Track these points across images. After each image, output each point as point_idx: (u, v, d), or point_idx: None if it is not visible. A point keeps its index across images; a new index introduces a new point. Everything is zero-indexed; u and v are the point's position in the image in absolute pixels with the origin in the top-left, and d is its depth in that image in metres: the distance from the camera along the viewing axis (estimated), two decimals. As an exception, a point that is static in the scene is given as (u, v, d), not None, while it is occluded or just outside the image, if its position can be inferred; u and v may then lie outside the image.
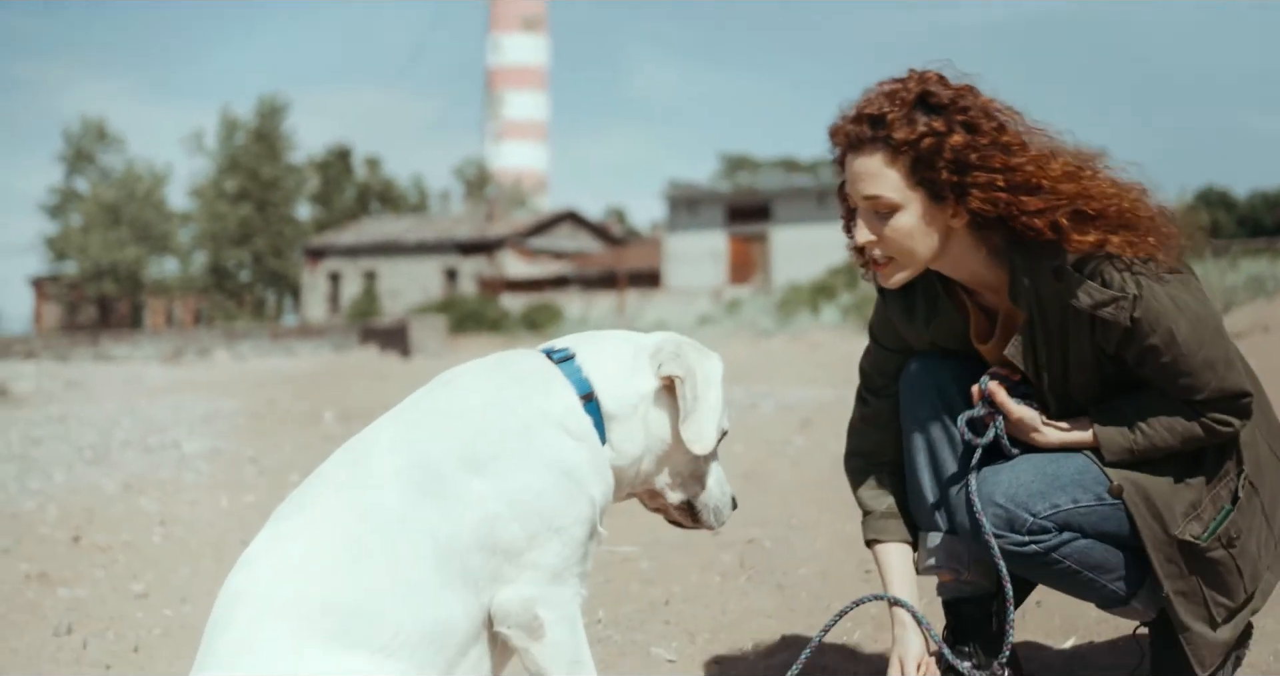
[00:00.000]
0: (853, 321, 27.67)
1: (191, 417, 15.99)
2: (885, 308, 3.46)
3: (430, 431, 2.72)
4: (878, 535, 3.49)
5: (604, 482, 2.80)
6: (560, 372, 2.86)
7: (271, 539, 2.64)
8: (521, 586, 2.66)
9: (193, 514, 7.99)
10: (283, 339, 42.88)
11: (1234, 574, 3.18)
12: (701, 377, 2.86)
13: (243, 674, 2.43)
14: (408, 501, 2.62)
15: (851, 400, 3.58)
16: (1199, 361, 3.06)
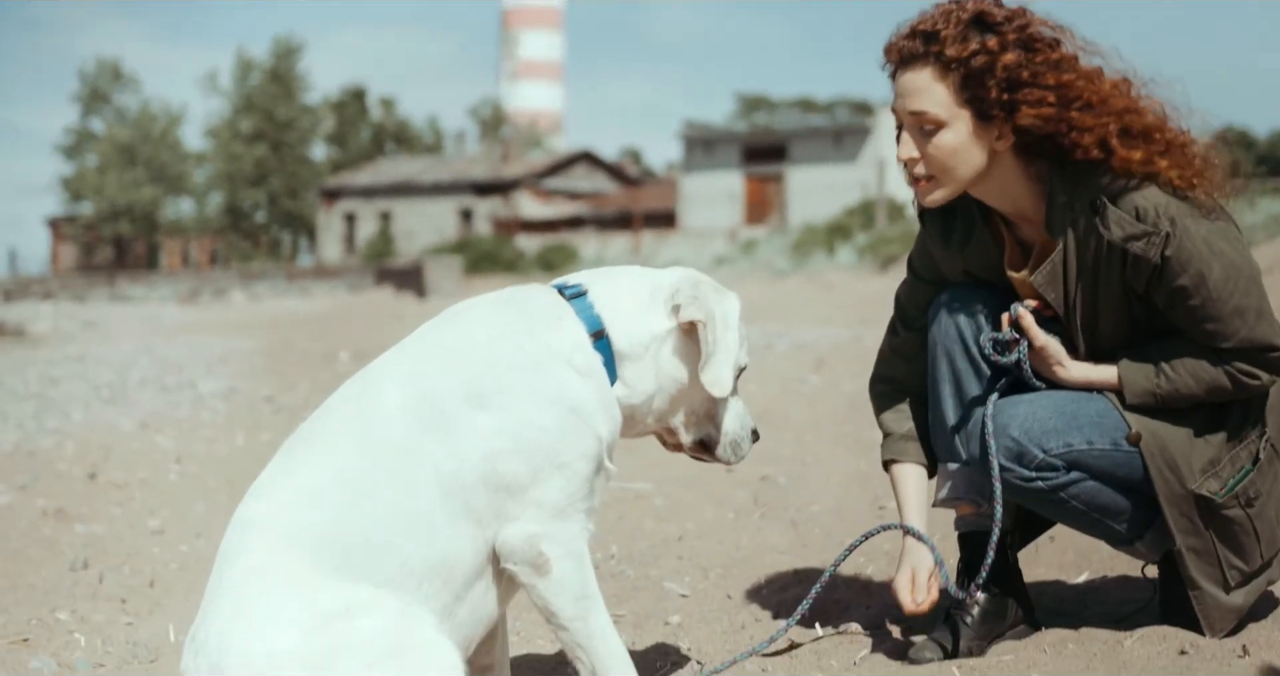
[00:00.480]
0: (868, 262, 27.57)
1: (208, 357, 16.05)
2: (924, 233, 3.46)
3: (436, 366, 2.71)
4: (896, 455, 3.48)
5: (611, 420, 2.79)
6: (571, 309, 2.84)
7: (280, 471, 2.65)
8: (526, 523, 2.66)
9: (209, 451, 8.03)
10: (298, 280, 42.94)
11: (1250, 535, 3.16)
12: (720, 320, 2.84)
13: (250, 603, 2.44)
14: (413, 436, 2.62)
15: (867, 339, 3.61)
16: (1229, 308, 3.03)
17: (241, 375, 13.53)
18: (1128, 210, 3.06)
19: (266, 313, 29.52)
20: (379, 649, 2.42)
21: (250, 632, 2.42)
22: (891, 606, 3.83)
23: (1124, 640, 3.17)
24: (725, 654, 3.50)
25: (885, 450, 3.51)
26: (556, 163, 61.93)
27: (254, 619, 2.43)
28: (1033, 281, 3.20)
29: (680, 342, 2.86)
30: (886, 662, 3.27)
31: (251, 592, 2.46)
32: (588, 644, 2.72)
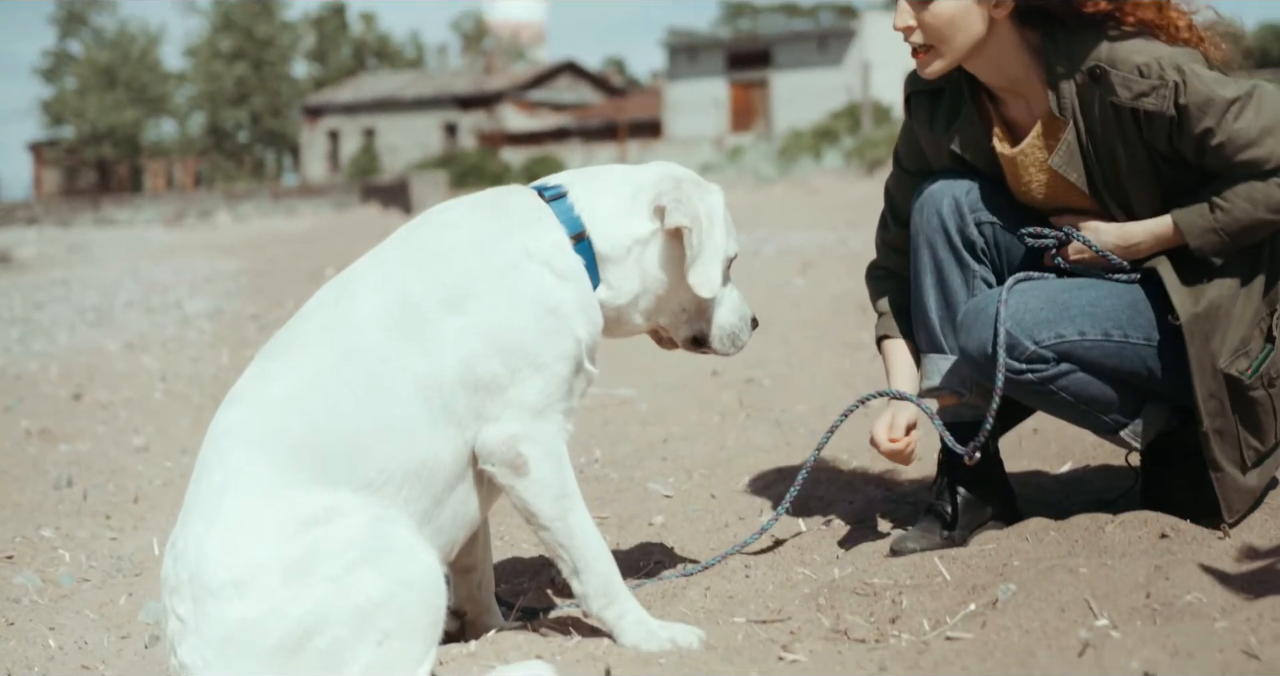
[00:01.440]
0: (854, 166, 27.44)
1: (194, 278, 16.02)
2: (909, 121, 3.43)
3: (413, 268, 2.68)
4: (888, 331, 3.47)
5: (590, 323, 2.76)
6: (550, 211, 2.80)
7: (257, 377, 2.62)
8: (505, 423, 2.64)
9: (195, 370, 8.02)
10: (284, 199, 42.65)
11: (1270, 415, 3.15)
12: (705, 219, 2.81)
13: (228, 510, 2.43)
14: (390, 341, 2.59)
15: (853, 242, 3.62)
16: (1256, 131, 2.98)
17: (227, 295, 13.50)
18: (1129, 71, 3.03)
19: (252, 233, 29.40)
20: (357, 553, 2.41)
21: (229, 540, 2.41)
22: (874, 500, 3.85)
23: (1105, 525, 3.17)
24: (709, 552, 3.50)
25: (878, 327, 3.51)
26: (540, 74, 61.37)
27: (232, 526, 2.42)
28: (1051, 164, 3.16)
29: (665, 244, 2.83)
30: (869, 555, 3.28)
31: (229, 500, 2.45)
32: (568, 543, 2.71)
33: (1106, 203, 3.19)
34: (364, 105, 62.07)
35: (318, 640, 2.36)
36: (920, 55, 3.19)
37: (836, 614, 2.83)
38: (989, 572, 2.98)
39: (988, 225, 3.33)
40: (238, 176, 68.86)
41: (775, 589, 3.06)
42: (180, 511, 2.54)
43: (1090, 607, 2.63)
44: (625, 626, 2.71)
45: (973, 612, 2.72)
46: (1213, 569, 2.76)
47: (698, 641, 2.68)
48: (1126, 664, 2.29)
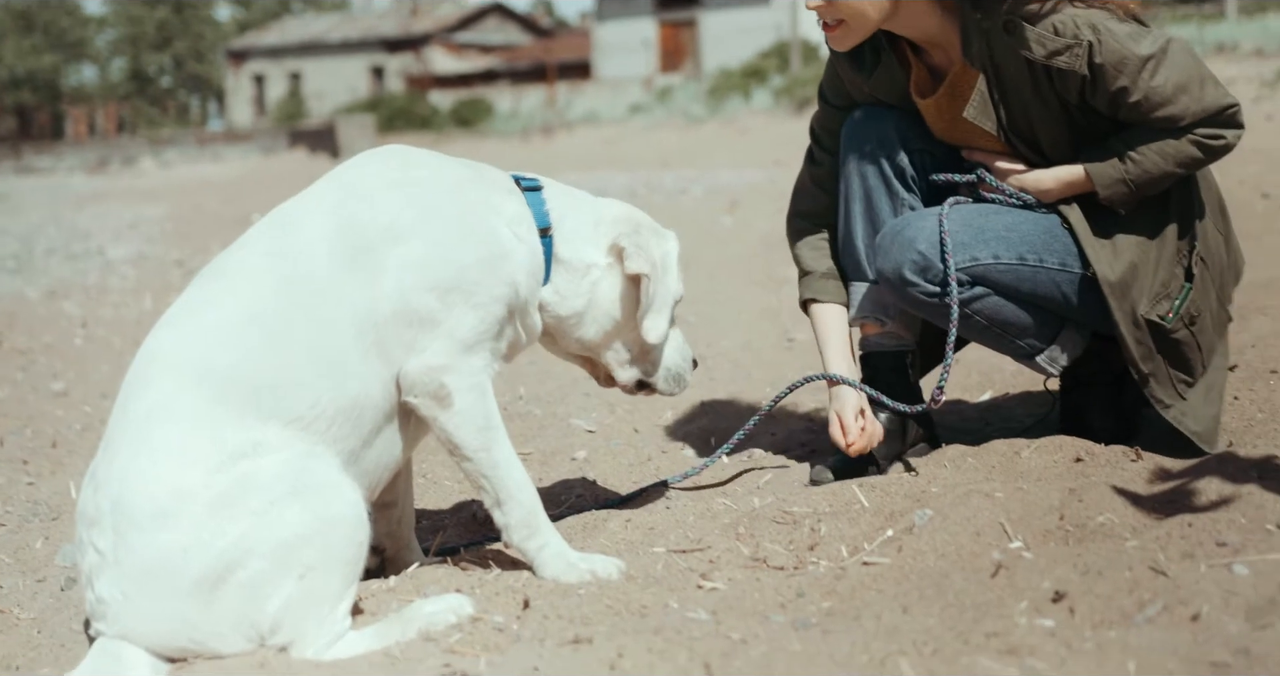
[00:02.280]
0: (784, 104, 27.40)
1: (117, 225, 15.80)
2: (834, 60, 3.41)
3: (364, 197, 2.64)
4: (816, 294, 3.44)
5: (532, 282, 2.76)
6: (523, 195, 2.81)
7: (191, 303, 2.57)
8: (431, 355, 2.62)
9: (116, 315, 7.92)
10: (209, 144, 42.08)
11: (1194, 350, 3.19)
12: (660, 267, 2.83)
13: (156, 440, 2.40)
14: (330, 271, 2.55)
15: (781, 181, 3.58)
16: (1171, 89, 3.01)
17: (151, 240, 13.34)
18: (1044, 28, 3.03)
19: (177, 179, 29.00)
20: (283, 488, 2.38)
21: (153, 469, 2.36)
22: (796, 432, 3.87)
23: (1021, 451, 3.20)
24: (631, 485, 3.51)
25: (805, 288, 3.46)
26: (467, 16, 60.76)
27: (158, 455, 2.38)
28: (966, 116, 3.17)
29: (618, 282, 2.85)
30: (789, 485, 3.29)
31: (156, 428, 2.40)
32: (491, 473, 2.70)
33: (1018, 149, 3.21)
34: (289, 49, 61.27)
35: (240, 573, 2.33)
36: (831, 30, 3.18)
37: (756, 542, 2.85)
38: (907, 499, 3.01)
39: (917, 153, 3.33)
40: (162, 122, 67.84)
41: (695, 519, 3.07)
42: (103, 438, 2.48)
43: (1005, 530, 2.66)
44: (546, 558, 2.71)
45: (890, 538, 2.74)
46: (1125, 491, 2.80)
47: (617, 572, 2.69)
48: (1038, 583, 2.31)
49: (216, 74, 68.76)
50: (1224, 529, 2.47)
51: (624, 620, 2.38)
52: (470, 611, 2.46)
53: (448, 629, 2.40)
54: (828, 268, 3.45)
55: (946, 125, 3.28)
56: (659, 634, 2.21)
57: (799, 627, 2.24)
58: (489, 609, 2.50)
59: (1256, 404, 3.45)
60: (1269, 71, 17.13)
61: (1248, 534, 2.43)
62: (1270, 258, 5.89)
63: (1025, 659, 2.02)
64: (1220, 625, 2.07)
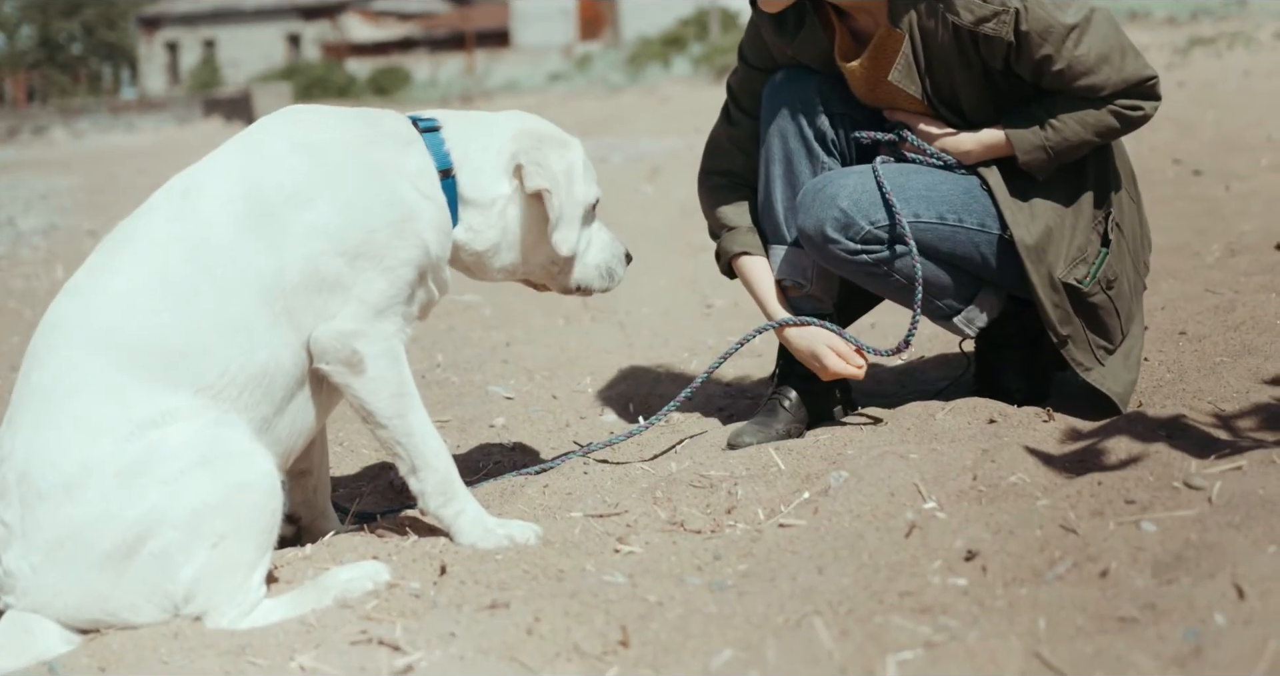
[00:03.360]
0: (704, 72, 27.40)
1: (28, 195, 15.53)
2: (756, 21, 3.40)
3: (269, 161, 2.60)
4: (745, 248, 3.41)
5: (441, 241, 2.73)
6: (422, 140, 2.77)
7: (97, 269, 2.52)
8: (342, 321, 2.59)
9: (27, 287, 7.81)
10: (122, 113, 41.46)
11: (1113, 315, 3.22)
12: (564, 178, 2.80)
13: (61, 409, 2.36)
14: (237, 235, 2.51)
15: (700, 148, 3.54)
16: (1094, 58, 3.04)
17: (63, 211, 13.13)
18: None
19: (90, 148, 28.56)
20: (193, 456, 2.35)
21: (60, 440, 2.33)
22: (713, 396, 3.88)
23: (936, 413, 3.23)
24: (549, 451, 3.51)
25: (733, 242, 3.43)
26: (384, -17, 60.17)
27: (64, 425, 2.34)
28: (890, 79, 3.18)
29: (526, 204, 2.82)
30: (707, 449, 3.30)
31: (61, 398, 2.37)
32: (406, 441, 2.68)
33: (941, 113, 3.23)
34: (203, 15, 60.41)
35: (151, 543, 2.31)
36: None
37: (673, 506, 2.85)
38: (823, 461, 3.03)
39: (838, 117, 3.34)
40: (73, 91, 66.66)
41: (613, 484, 3.07)
42: (7, 409, 2.45)
43: (919, 491, 2.69)
44: (463, 524, 2.70)
45: (806, 500, 2.76)
46: (1037, 451, 2.84)
47: (535, 537, 2.68)
48: (951, 543, 2.34)
49: (129, 42, 67.66)
50: (1132, 487, 2.50)
51: (541, 584, 2.39)
52: (387, 578, 2.45)
53: (364, 596, 2.39)
54: (750, 223, 3.45)
55: (869, 89, 3.29)
56: (576, 597, 2.22)
57: (715, 589, 2.25)
58: (406, 575, 2.49)
59: (1165, 365, 3.51)
60: (1180, 39, 17.36)
61: (1155, 491, 2.47)
62: (1180, 222, 5.98)
63: (938, 617, 2.05)
64: (1128, 581, 2.11)
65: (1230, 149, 8.56)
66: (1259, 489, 2.38)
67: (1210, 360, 3.46)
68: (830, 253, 3.20)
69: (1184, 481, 2.49)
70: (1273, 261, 4.85)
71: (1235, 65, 14.36)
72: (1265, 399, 3.08)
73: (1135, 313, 3.29)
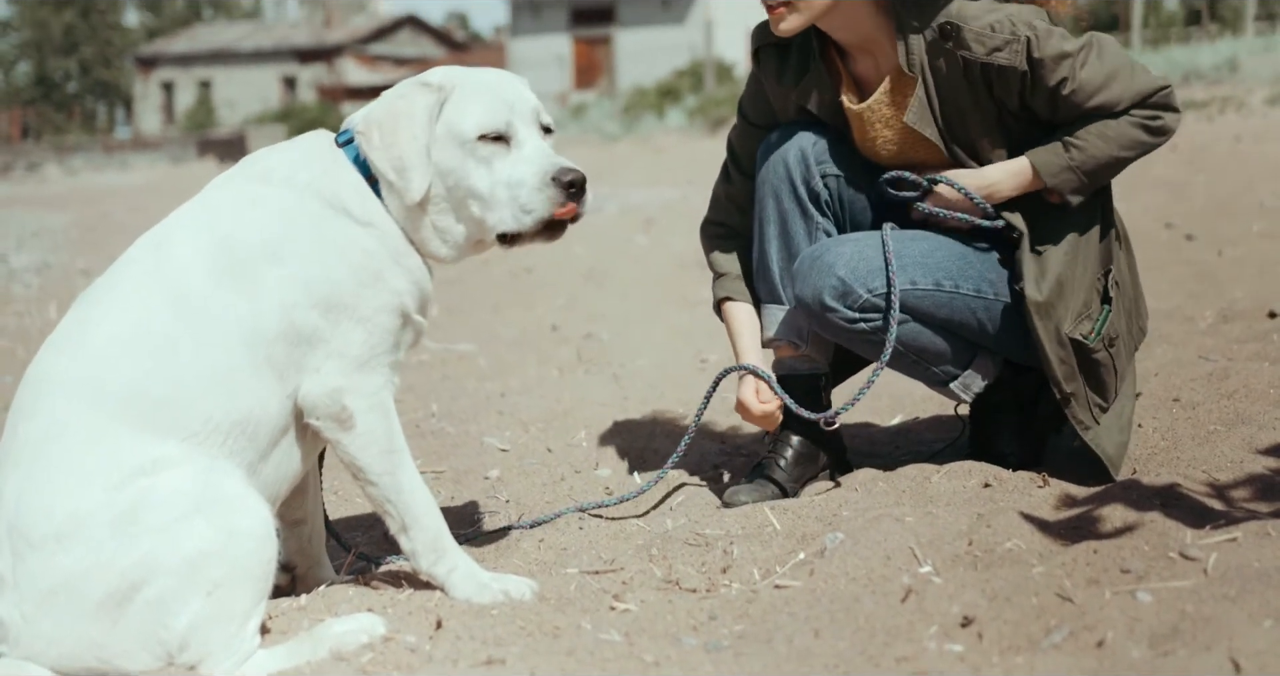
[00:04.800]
0: (698, 124, 27.54)
1: (20, 232, 15.54)
2: (756, 72, 3.44)
3: (231, 217, 2.62)
4: (730, 294, 3.47)
5: (407, 271, 2.69)
6: (343, 155, 2.72)
7: (78, 323, 2.54)
8: (327, 376, 2.60)
9: (19, 324, 7.80)
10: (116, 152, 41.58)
11: (1111, 374, 3.23)
12: (388, 125, 2.65)
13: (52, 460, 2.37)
14: (212, 289, 2.53)
15: (695, 199, 3.61)
16: (1103, 76, 3.08)
17: (56, 248, 13.13)
18: (982, 28, 3.09)
19: (83, 187, 28.60)
20: (187, 503, 2.35)
21: (50, 490, 2.34)
22: (709, 453, 3.88)
23: (931, 476, 3.24)
24: (544, 505, 3.51)
25: (720, 288, 3.50)
26: (381, 27, 60.49)
27: (53, 475, 2.35)
28: (906, 121, 3.20)
29: None
30: (702, 507, 3.31)
31: (50, 448, 2.38)
32: (396, 498, 2.68)
33: (957, 155, 3.24)
34: (199, 56, 60.66)
35: (146, 591, 2.31)
36: (777, 10, 3.19)
37: (669, 564, 2.86)
38: (818, 522, 3.03)
39: (833, 178, 3.37)
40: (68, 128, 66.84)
41: (608, 540, 3.07)
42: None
43: (915, 555, 2.69)
44: (456, 581, 2.69)
45: (801, 561, 2.76)
46: (1032, 517, 2.85)
47: (530, 592, 2.68)
48: (947, 608, 2.34)
49: (125, 81, 67.87)
50: (1128, 556, 2.51)
51: (537, 641, 2.38)
52: (382, 631, 2.45)
53: (359, 648, 2.39)
54: (738, 271, 3.50)
55: (875, 137, 3.31)
56: (572, 655, 2.22)
57: (711, 650, 2.25)
58: (401, 628, 2.49)
59: (1160, 432, 3.52)
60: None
61: (1151, 561, 2.48)
62: (1173, 287, 6.01)
63: (935, 683, 2.05)
64: (1124, 651, 2.11)
65: (1222, 214, 8.62)
66: (1254, 561, 2.39)
67: (1204, 428, 3.48)
68: (828, 321, 3.22)
69: (1180, 552, 2.49)
70: (1265, 329, 4.88)
71: (1227, 130, 14.47)
72: (1259, 469, 3.10)
73: (1128, 372, 3.31)
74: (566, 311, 7.27)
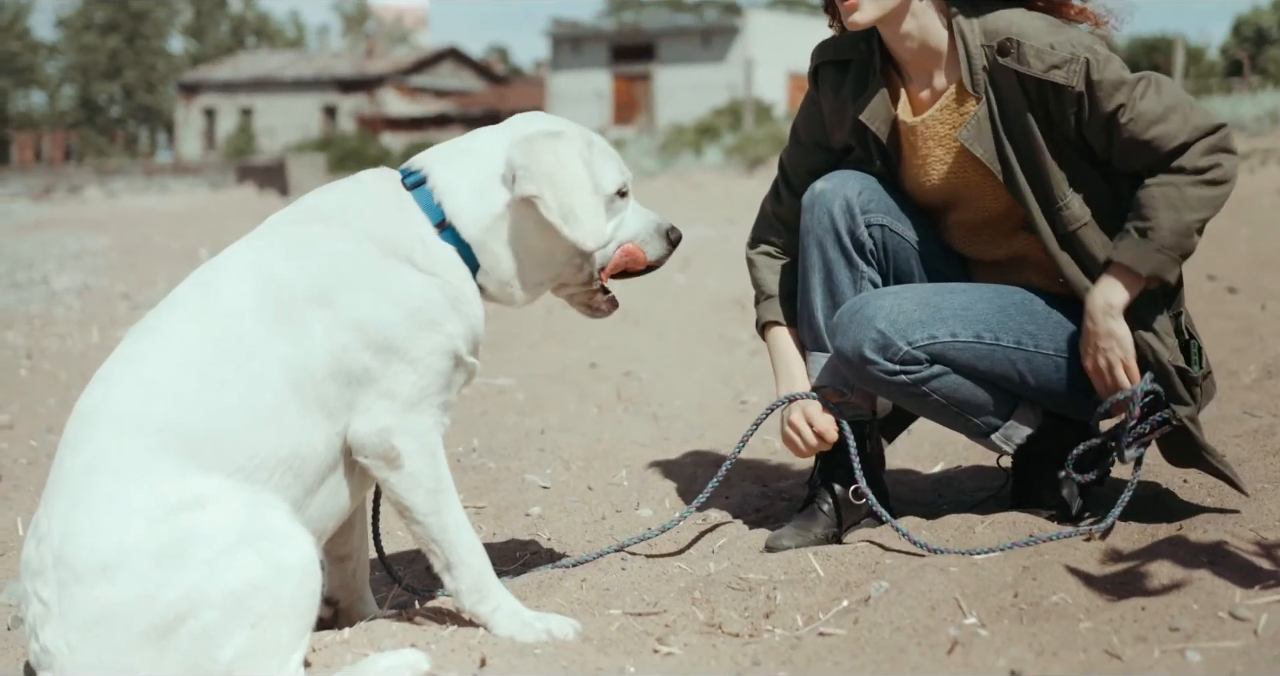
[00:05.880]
0: (735, 162, 27.57)
1: (62, 254, 15.65)
2: (811, 92, 3.45)
3: (281, 258, 2.63)
4: (777, 317, 3.46)
5: (465, 317, 2.71)
6: (411, 199, 2.74)
7: (125, 359, 2.56)
8: (377, 416, 2.62)
9: (61, 347, 7.85)
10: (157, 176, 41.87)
11: (1206, 396, 3.26)
12: (558, 172, 2.70)
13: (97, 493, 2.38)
14: (260, 330, 2.54)
15: (733, 239, 3.64)
16: (1162, 108, 3.05)
17: (97, 271, 13.22)
18: (1042, 46, 3.09)
19: (124, 210, 28.79)
20: (232, 536, 2.36)
21: (95, 522, 2.35)
22: (750, 496, 3.88)
23: (975, 526, 3.23)
24: (585, 544, 3.51)
25: (765, 310, 3.49)
26: (422, 59, 60.92)
27: (99, 508, 2.36)
28: (959, 137, 3.20)
29: (529, 213, 2.74)
30: (745, 550, 3.30)
31: (96, 481, 2.40)
32: (441, 538, 2.69)
33: (1017, 186, 3.19)
34: (242, 84, 61.17)
35: (190, 623, 2.32)
36: (848, 2, 3.18)
37: (711, 608, 2.85)
38: (862, 570, 3.02)
39: (878, 227, 3.37)
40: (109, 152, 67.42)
41: (651, 582, 3.07)
42: (44, 491, 2.48)
43: (960, 606, 2.68)
44: (499, 619, 2.70)
45: (845, 609, 2.75)
46: (1078, 570, 2.83)
47: (573, 632, 2.68)
48: (994, 662, 2.33)
49: (167, 106, 68.48)
50: (1176, 614, 2.50)
51: (581, 683, 2.38)
52: (426, 668, 2.45)
53: (403, 685, 2.39)
54: (783, 292, 3.49)
55: (927, 155, 3.31)
56: (617, 698, 2.21)
57: (757, 697, 2.25)
58: (444, 665, 2.49)
59: (1205, 488, 3.50)
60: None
61: (1200, 620, 2.46)
62: (1216, 341, 5.98)
63: (983, 738, 2.04)
64: (1175, 711, 2.10)
65: (1265, 267, 8.59)
66: (1306, 623, 2.37)
67: (1251, 486, 3.45)
68: (868, 374, 3.22)
69: (1229, 611, 2.48)
70: (1309, 385, 4.85)
71: (1269, 182, 14.40)
72: (1307, 528, 3.08)
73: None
74: (604, 350, 7.28)
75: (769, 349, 3.51)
